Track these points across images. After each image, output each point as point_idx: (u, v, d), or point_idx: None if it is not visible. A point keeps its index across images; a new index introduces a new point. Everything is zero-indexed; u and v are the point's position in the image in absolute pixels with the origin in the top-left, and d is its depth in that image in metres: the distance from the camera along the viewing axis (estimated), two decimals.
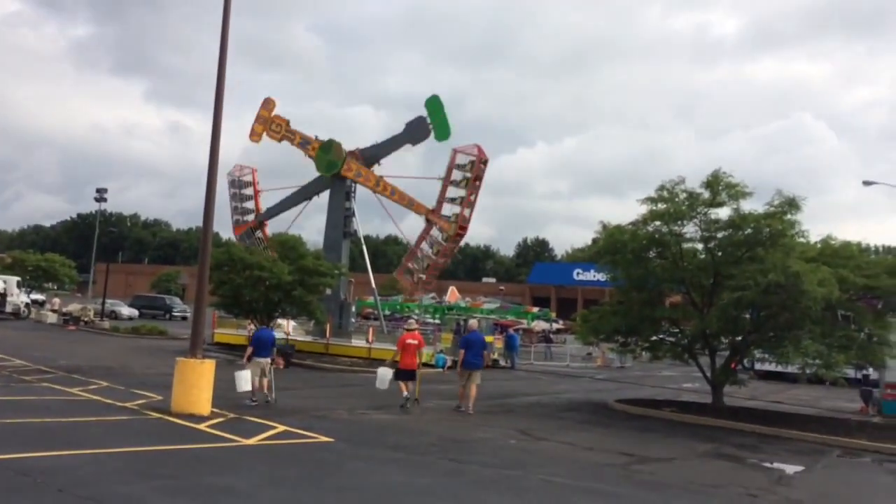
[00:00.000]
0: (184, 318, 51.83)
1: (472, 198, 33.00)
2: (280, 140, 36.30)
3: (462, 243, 34.37)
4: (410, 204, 33.65)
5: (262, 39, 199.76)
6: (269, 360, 16.08)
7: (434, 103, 32.82)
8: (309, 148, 35.24)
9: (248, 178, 39.25)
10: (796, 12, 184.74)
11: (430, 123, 32.72)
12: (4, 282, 45.58)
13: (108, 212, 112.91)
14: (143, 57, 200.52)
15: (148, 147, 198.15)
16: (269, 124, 36.58)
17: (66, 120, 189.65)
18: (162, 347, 29.77)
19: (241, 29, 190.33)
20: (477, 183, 32.92)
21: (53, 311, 44.82)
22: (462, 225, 33.05)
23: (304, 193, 36.64)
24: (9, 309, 44.26)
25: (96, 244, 63.17)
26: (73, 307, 43.73)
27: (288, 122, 36.32)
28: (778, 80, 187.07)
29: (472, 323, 19.78)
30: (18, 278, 48.91)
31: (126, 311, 52.07)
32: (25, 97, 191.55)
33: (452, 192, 32.68)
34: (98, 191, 54.69)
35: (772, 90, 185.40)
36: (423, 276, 34.21)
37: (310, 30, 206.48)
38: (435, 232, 33.26)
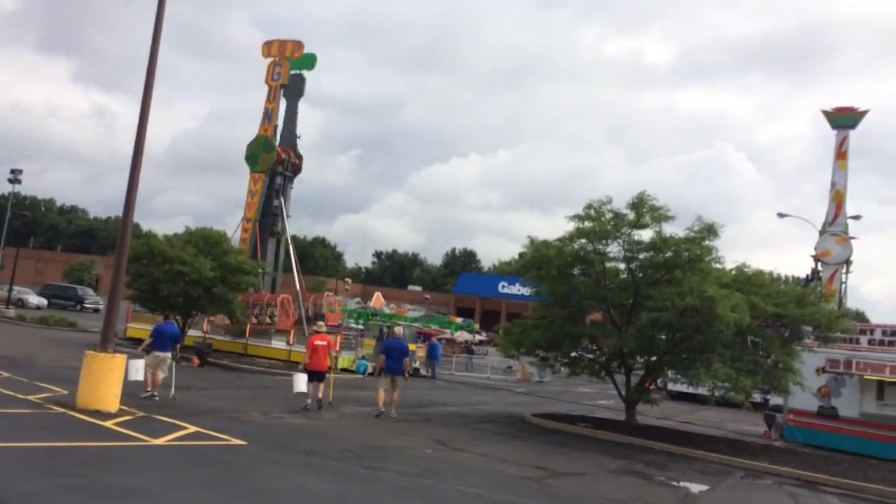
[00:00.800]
0: (96, 311, 49.94)
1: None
2: (278, 86, 35.11)
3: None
4: None
5: (199, 29, 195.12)
6: (168, 354, 15.74)
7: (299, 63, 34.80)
8: (263, 127, 34.78)
9: None
10: (725, 46, 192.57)
11: (298, 72, 35.27)
12: None
13: (21, 194, 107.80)
14: (71, 35, 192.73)
15: (70, 130, 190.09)
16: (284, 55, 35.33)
17: None
18: (71, 339, 28.59)
19: (177, 16, 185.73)
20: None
21: None
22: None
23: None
24: None
25: (6, 228, 60.25)
26: None
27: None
28: (704, 109, 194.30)
29: (397, 330, 19.96)
30: None
31: (34, 299, 49.79)
32: None
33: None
34: (12, 171, 52.18)
35: (698, 119, 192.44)
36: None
37: (250, 24, 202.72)
38: None
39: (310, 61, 35.28)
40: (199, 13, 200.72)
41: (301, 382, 16.64)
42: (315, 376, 16.66)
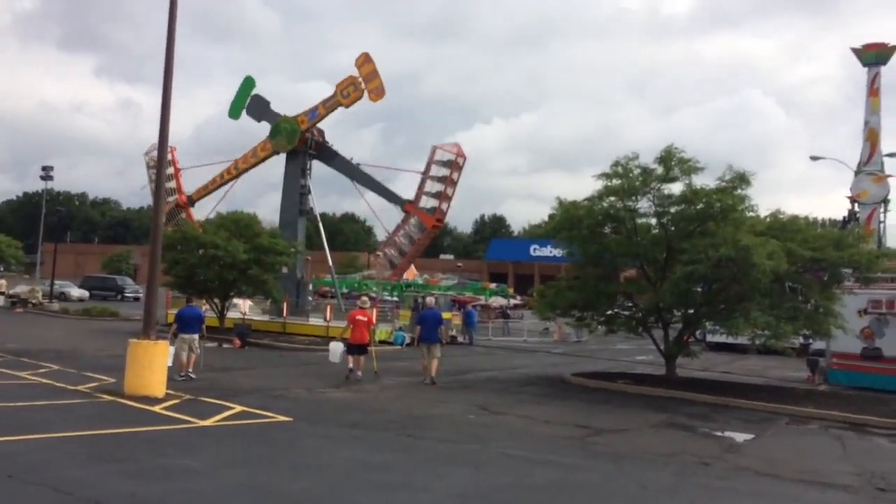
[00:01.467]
0: (136, 299, 50.85)
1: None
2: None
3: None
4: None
5: (215, 13, 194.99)
6: (195, 336, 16.35)
7: (246, 84, 35.61)
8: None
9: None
10: None
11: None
12: None
13: (55, 190, 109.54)
14: (92, 31, 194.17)
15: (97, 124, 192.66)
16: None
17: (10, 95, 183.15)
18: (114, 329, 29.22)
19: (192, 2, 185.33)
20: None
21: (0, 293, 43.48)
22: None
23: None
24: None
25: (43, 224, 61.45)
26: (21, 289, 42.57)
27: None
28: (727, 57, 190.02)
29: (430, 300, 20.49)
30: None
31: (76, 292, 50.82)
32: None
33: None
34: (44, 168, 53.25)
35: (721, 67, 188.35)
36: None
37: (265, 4, 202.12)
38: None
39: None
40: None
41: (336, 352, 17.63)
42: (357, 349, 17.47)
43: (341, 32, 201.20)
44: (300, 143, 34.06)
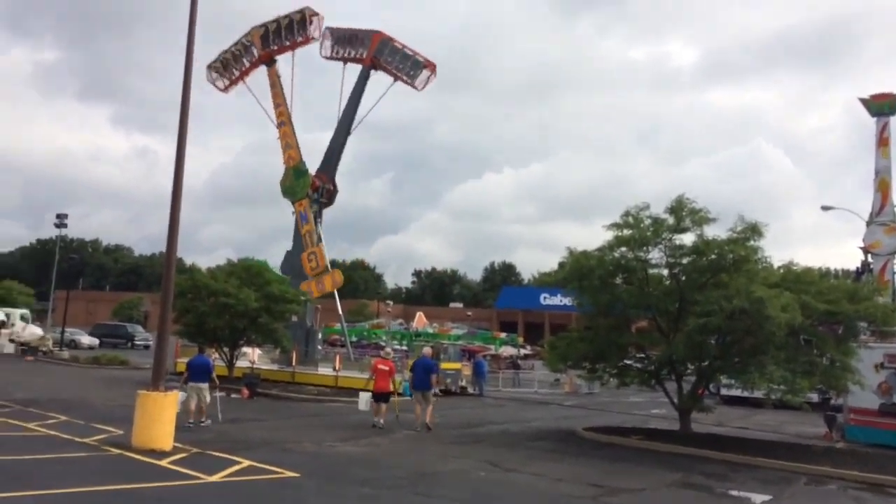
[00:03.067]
0: (146, 347, 50.82)
1: None
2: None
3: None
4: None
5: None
6: (205, 385, 16.73)
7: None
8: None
9: None
10: (748, 44, 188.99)
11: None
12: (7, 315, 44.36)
13: (68, 237, 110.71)
14: (110, 82, 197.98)
15: (113, 172, 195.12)
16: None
17: (28, 144, 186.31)
18: (124, 378, 29.10)
19: (209, 53, 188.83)
20: None
21: (11, 340, 43.52)
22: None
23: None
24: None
25: (56, 271, 61.82)
26: (31, 336, 42.60)
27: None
28: (734, 107, 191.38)
29: (426, 350, 21.83)
30: (25, 310, 47.51)
31: (86, 339, 50.83)
32: None
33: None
34: (58, 216, 53.68)
35: (729, 118, 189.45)
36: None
37: (282, 57, 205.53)
38: None
39: None
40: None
41: (364, 401, 19.11)
42: (380, 398, 18.29)
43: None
44: (312, 188, 34.16)
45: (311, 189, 33.95)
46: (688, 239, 18.43)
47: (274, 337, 28.11)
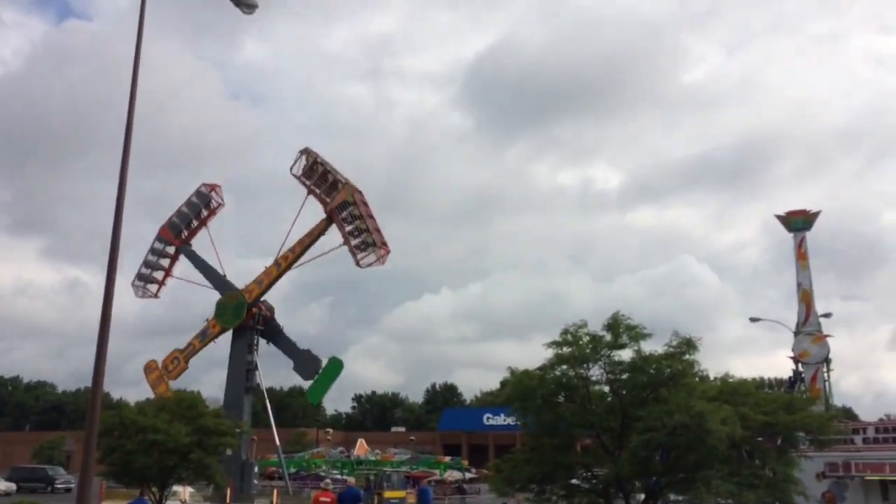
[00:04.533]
0: (67, 490, 47.41)
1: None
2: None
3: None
4: None
5: (166, 198, 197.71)
6: None
7: (335, 366, 33.96)
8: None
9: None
10: (668, 168, 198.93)
11: (316, 374, 33.64)
12: None
13: None
14: (39, 213, 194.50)
15: (39, 306, 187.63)
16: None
17: None
18: None
19: (145, 188, 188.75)
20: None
21: None
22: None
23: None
24: None
25: None
26: None
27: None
28: (658, 226, 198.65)
29: (350, 480, 23.02)
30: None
31: (2, 485, 47.32)
32: None
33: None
34: None
35: (655, 235, 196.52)
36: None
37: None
38: None
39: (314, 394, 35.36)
40: (165, 183, 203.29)
41: None
42: None
43: (286, 210, 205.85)
44: (247, 317, 33.70)
45: (247, 317, 33.54)
46: (626, 355, 18.63)
47: (206, 473, 26.69)
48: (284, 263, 34.28)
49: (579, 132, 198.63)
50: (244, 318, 33.60)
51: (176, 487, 28.17)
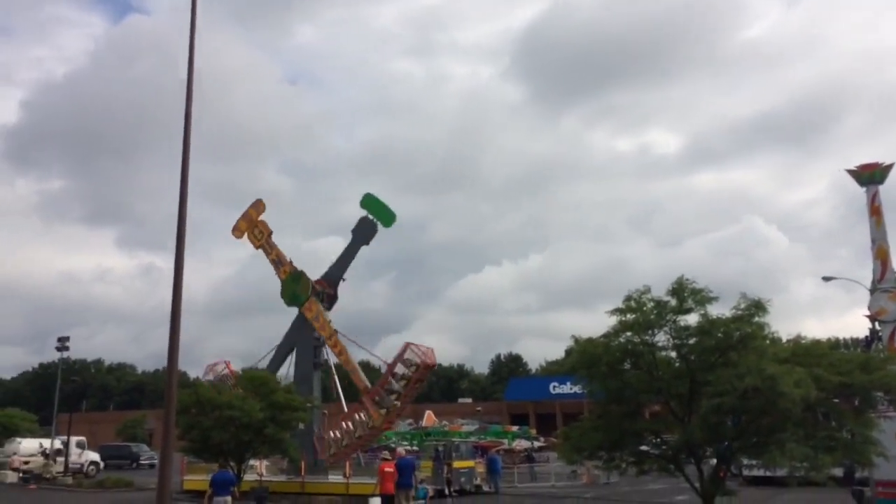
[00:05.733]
0: (151, 466, 49.68)
1: (409, 397, 32.28)
2: (258, 247, 36.00)
3: (435, 365, 34.02)
4: (353, 371, 33.47)
5: (233, 184, 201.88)
6: (227, 498, 17.43)
7: (369, 199, 34.22)
8: (281, 269, 35.13)
9: (224, 370, 35.79)
10: (728, 129, 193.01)
11: (373, 218, 33.72)
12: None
13: (71, 359, 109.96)
14: (114, 205, 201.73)
15: (116, 291, 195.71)
16: (253, 227, 36.14)
17: (33, 270, 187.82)
18: (129, 501, 28.29)
19: (212, 176, 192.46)
20: (417, 385, 32.24)
21: (13, 468, 42.44)
22: (390, 420, 32.65)
23: (288, 345, 35.60)
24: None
25: (58, 394, 61.13)
26: (34, 463, 41.69)
27: (270, 234, 36.11)
28: (722, 188, 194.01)
29: (400, 450, 22.97)
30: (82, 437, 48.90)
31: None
32: None
33: (393, 383, 31.57)
34: (59, 339, 53.39)
35: (718, 199, 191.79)
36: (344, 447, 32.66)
37: (279, 171, 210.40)
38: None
39: (388, 218, 34.40)
40: (231, 169, 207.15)
41: None
42: (388, 500, 18.77)
43: (348, 189, 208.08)
44: (312, 291, 34.27)
45: (311, 291, 34.13)
46: (692, 319, 18.26)
47: (281, 447, 27.52)
48: None
49: (635, 97, 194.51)
50: (310, 286, 34.13)
51: (253, 461, 29.09)
